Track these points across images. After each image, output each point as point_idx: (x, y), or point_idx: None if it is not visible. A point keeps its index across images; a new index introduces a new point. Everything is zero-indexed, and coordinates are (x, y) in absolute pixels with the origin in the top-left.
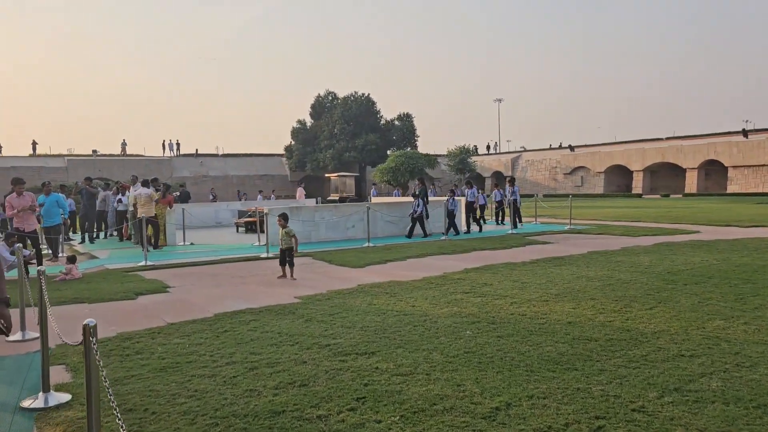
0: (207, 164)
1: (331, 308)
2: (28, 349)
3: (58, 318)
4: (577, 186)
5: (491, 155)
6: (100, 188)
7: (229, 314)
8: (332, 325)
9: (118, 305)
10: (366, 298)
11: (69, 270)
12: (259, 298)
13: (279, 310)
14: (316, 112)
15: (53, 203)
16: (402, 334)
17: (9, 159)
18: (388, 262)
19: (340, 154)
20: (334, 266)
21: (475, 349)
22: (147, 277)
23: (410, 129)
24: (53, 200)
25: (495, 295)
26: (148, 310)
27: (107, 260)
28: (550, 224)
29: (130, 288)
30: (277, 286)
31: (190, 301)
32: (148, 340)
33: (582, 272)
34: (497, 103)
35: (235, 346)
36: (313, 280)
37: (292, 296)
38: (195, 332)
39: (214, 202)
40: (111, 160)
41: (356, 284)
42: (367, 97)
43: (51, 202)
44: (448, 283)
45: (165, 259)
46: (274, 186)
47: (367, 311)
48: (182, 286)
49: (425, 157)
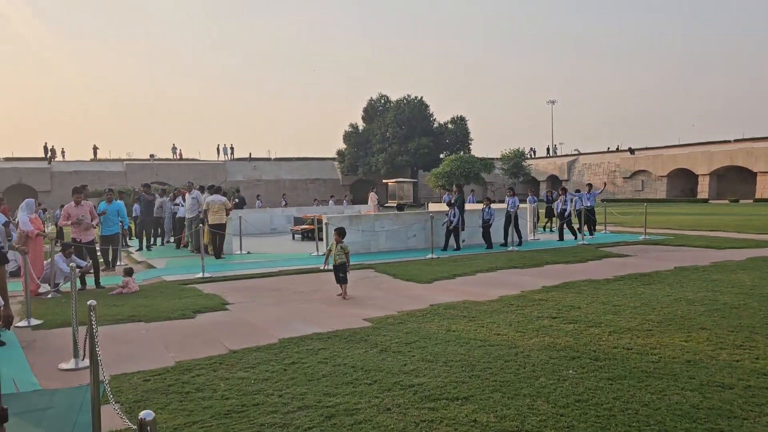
0: (260, 168)
1: (406, 335)
2: (81, 379)
3: (115, 340)
4: (638, 190)
5: (546, 158)
6: (157, 194)
7: (296, 340)
8: (411, 357)
9: (175, 325)
10: (442, 323)
11: (126, 283)
12: (324, 319)
13: (349, 336)
14: (369, 116)
15: (114, 212)
16: (493, 372)
17: (72, 164)
18: (456, 277)
19: (392, 158)
20: (400, 281)
21: (587, 396)
22: (205, 291)
23: (464, 132)
24: (114, 209)
25: (587, 321)
26: (208, 332)
27: (164, 271)
28: (620, 233)
29: (188, 304)
30: (342, 305)
31: (251, 322)
32: (209, 373)
33: (678, 293)
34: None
35: (307, 384)
36: (381, 299)
37: (361, 318)
38: (260, 363)
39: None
40: (167, 165)
41: (428, 304)
42: (420, 100)
43: (112, 210)
44: (530, 304)
45: (222, 271)
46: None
47: (447, 340)
48: (241, 302)
49: (481, 161)
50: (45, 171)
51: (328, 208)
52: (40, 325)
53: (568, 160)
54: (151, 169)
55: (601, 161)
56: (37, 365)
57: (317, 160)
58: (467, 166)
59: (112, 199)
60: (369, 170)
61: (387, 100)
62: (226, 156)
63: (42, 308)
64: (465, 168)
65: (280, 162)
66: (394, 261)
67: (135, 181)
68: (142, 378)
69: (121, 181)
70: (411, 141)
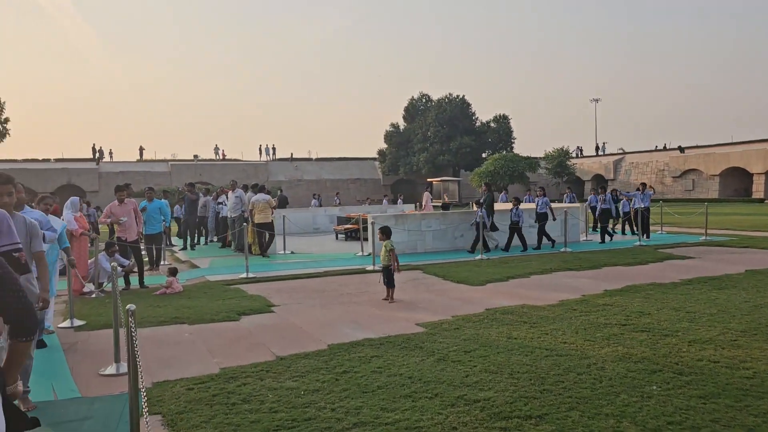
0: (301, 168)
1: (464, 342)
2: (122, 386)
3: (158, 343)
4: (688, 190)
5: (590, 158)
6: (201, 193)
7: (346, 346)
8: (472, 368)
9: (220, 328)
10: (502, 329)
11: (170, 283)
12: (375, 323)
13: (403, 342)
14: (410, 115)
15: (155, 210)
16: (566, 386)
17: (119, 164)
18: (510, 279)
19: (433, 157)
20: (451, 283)
21: (679, 417)
22: (249, 292)
23: (507, 131)
24: (155, 207)
25: (661, 329)
26: (253, 336)
27: (208, 270)
28: (678, 234)
29: (233, 306)
30: (392, 309)
31: (297, 326)
32: (255, 382)
33: (756, 299)
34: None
35: (361, 396)
36: (432, 302)
37: (413, 322)
38: (309, 371)
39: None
40: (210, 165)
41: (483, 308)
42: (461, 98)
43: (153, 209)
44: (594, 309)
45: (266, 271)
46: (367, 190)
47: (509, 348)
48: (287, 304)
49: (526, 160)
50: (93, 171)
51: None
52: (83, 326)
53: (614, 159)
54: (194, 169)
55: (649, 160)
56: (77, 369)
57: (358, 160)
58: (511, 165)
59: (153, 198)
60: (410, 170)
61: (428, 99)
62: (268, 156)
63: (86, 308)
64: (509, 167)
65: (322, 162)
66: (442, 262)
67: (179, 181)
68: (186, 386)
69: (166, 181)
70: (453, 140)
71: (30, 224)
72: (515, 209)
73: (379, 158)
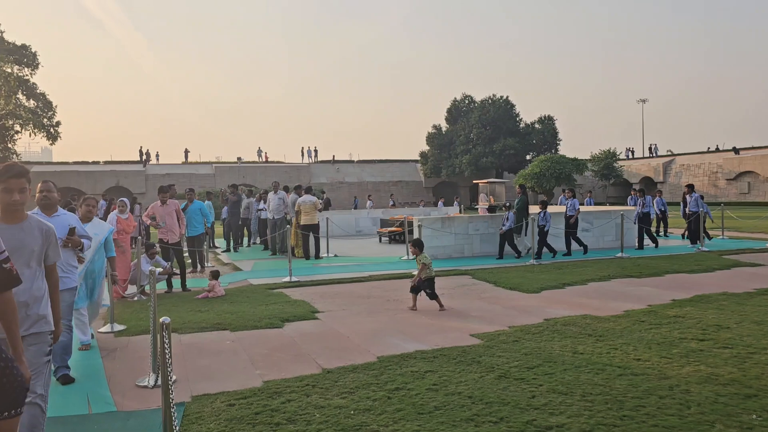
0: (343, 170)
1: (525, 356)
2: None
3: (198, 351)
4: (743, 193)
5: (639, 160)
6: (244, 195)
7: (396, 359)
8: (538, 387)
9: (263, 336)
10: (565, 342)
11: (212, 287)
12: (425, 333)
13: (458, 355)
14: (453, 117)
15: (196, 211)
16: (649, 411)
17: (165, 166)
18: (566, 287)
19: (476, 159)
20: (503, 290)
21: None
22: (293, 296)
23: (552, 132)
24: (196, 208)
25: (746, 346)
26: (298, 345)
27: (251, 274)
28: (739, 239)
29: (276, 312)
30: (443, 317)
31: (343, 335)
32: (301, 399)
33: None
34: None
35: (417, 419)
36: (485, 310)
37: (467, 333)
38: (359, 387)
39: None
40: (254, 167)
41: (542, 318)
42: (505, 99)
43: (194, 210)
44: (665, 322)
45: (309, 275)
46: (409, 192)
47: (576, 364)
48: (331, 311)
49: (573, 162)
50: (140, 174)
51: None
52: (123, 331)
53: (664, 161)
54: (238, 171)
55: (701, 162)
56: (114, 379)
57: (399, 162)
58: (558, 167)
59: (194, 199)
60: (452, 172)
61: (471, 101)
62: (310, 158)
63: (127, 312)
64: (555, 169)
65: (363, 164)
66: (491, 266)
67: (223, 182)
68: (227, 401)
69: (210, 183)
70: (496, 142)
71: (46, 230)
72: (542, 213)
73: (421, 160)
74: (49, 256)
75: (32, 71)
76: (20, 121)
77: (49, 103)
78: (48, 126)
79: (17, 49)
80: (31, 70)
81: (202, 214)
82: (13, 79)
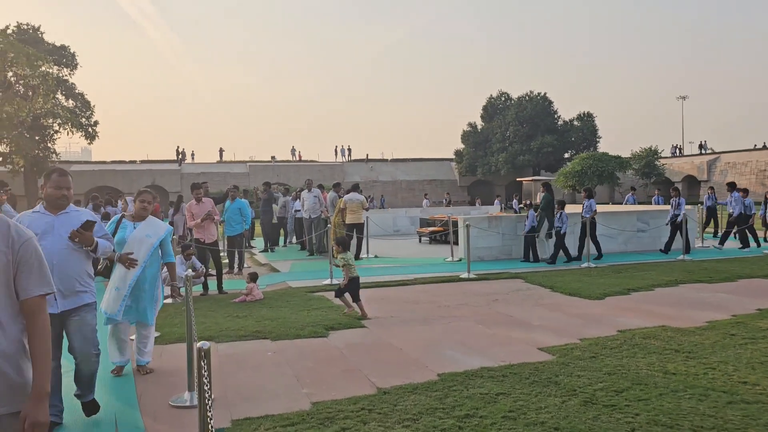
0: (376, 169)
1: (609, 377)
2: (195, 422)
3: (238, 365)
4: None
5: (680, 158)
6: (280, 194)
7: (460, 378)
8: (635, 417)
9: (307, 346)
10: (650, 359)
11: (250, 290)
12: (487, 346)
13: (531, 374)
14: (488, 114)
15: (236, 210)
16: None
17: (199, 165)
18: (632, 292)
19: (513, 157)
20: (561, 295)
21: None
22: (335, 301)
23: (591, 129)
24: (236, 207)
25: None
26: (345, 357)
27: (289, 275)
28: None
29: (319, 318)
30: (504, 326)
31: (395, 346)
32: (358, 427)
33: None
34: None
35: None
36: (548, 319)
37: (534, 346)
38: (422, 413)
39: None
40: (287, 166)
41: (614, 329)
42: (543, 96)
43: (233, 209)
44: (759, 335)
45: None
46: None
47: (672, 388)
48: (378, 317)
49: (615, 160)
50: (176, 173)
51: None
52: (157, 339)
53: (708, 159)
54: (272, 170)
55: (748, 160)
56: (146, 396)
57: (434, 161)
58: (600, 164)
59: (235, 197)
60: (488, 171)
61: (507, 98)
62: (344, 157)
63: (161, 316)
64: (598, 167)
65: (397, 163)
66: (544, 269)
67: (257, 181)
68: (272, 428)
69: (244, 181)
70: (534, 139)
71: (15, 239)
72: (559, 214)
73: (456, 159)
74: (22, 282)
75: (71, 71)
76: (59, 120)
77: (87, 102)
78: (86, 125)
79: (57, 49)
80: (70, 70)
81: (241, 214)
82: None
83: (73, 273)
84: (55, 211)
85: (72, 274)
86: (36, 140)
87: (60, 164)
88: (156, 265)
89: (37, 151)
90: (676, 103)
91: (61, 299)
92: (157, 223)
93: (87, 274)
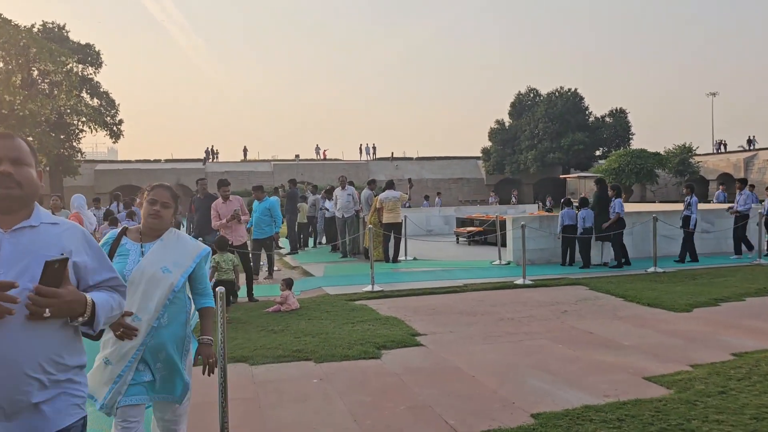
0: (402, 167)
1: (758, 424)
2: None
3: (278, 394)
4: None
5: (716, 155)
6: (309, 192)
7: (561, 420)
8: None
9: (358, 371)
10: None
11: (285, 298)
12: (577, 373)
13: (653, 418)
14: (516, 111)
15: (264, 211)
16: None
17: (224, 164)
18: (721, 303)
19: (542, 155)
20: (639, 306)
21: None
22: (381, 311)
23: (624, 126)
24: (265, 207)
25: None
26: (408, 389)
27: (324, 280)
28: None
29: (367, 334)
30: (586, 348)
31: (464, 372)
32: None
33: None
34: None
35: None
36: (637, 336)
37: (636, 374)
38: None
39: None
40: (311, 164)
41: (725, 351)
42: (573, 92)
43: (262, 209)
44: None
45: (392, 282)
46: (470, 190)
47: None
48: (436, 333)
49: (654, 156)
50: (200, 171)
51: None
52: None
53: (745, 156)
54: (296, 169)
55: None
56: None
57: (460, 159)
58: (638, 161)
59: (263, 197)
60: (516, 169)
61: (537, 94)
62: (369, 155)
63: None
64: (636, 164)
65: (422, 161)
66: (605, 275)
67: (282, 180)
68: None
69: (268, 180)
70: (564, 137)
71: None
72: (566, 210)
73: (483, 157)
74: None
75: (96, 70)
76: (83, 118)
77: (112, 101)
78: (111, 124)
79: (81, 48)
80: (95, 68)
81: (271, 216)
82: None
83: (28, 365)
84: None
85: (25, 367)
86: (61, 139)
87: (85, 163)
88: (182, 317)
89: (62, 150)
90: (706, 100)
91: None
92: (183, 245)
93: (61, 361)
